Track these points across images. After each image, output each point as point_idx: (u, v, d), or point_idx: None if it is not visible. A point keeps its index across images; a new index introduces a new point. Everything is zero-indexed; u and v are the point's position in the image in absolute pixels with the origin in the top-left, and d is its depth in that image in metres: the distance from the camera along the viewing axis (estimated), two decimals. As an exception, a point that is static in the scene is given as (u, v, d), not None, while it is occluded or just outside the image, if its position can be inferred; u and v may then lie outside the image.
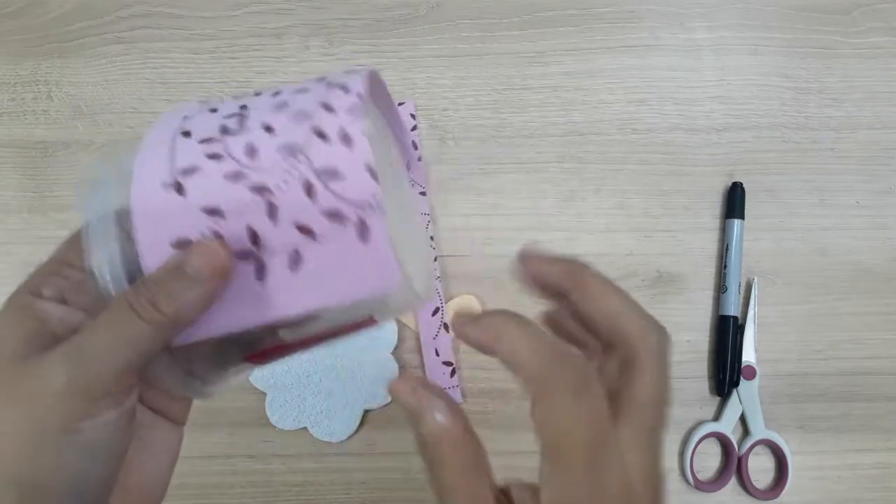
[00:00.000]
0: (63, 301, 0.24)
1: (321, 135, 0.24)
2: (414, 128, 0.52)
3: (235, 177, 0.24)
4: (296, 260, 0.24)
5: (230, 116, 0.26)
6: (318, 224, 0.24)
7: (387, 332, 0.49)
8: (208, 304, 0.23)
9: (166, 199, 0.24)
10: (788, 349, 0.49)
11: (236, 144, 0.25)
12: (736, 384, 0.48)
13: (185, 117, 0.27)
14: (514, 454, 0.47)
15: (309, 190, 0.24)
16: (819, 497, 0.47)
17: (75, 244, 0.24)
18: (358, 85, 0.26)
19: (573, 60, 0.53)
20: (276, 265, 0.24)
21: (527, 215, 0.51)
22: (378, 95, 0.29)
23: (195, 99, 0.53)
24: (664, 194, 0.51)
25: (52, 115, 0.53)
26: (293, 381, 0.48)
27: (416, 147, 0.51)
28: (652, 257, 0.50)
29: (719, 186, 0.51)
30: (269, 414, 0.48)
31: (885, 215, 0.50)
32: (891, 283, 0.50)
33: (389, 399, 0.47)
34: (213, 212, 0.24)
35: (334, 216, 0.24)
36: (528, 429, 0.24)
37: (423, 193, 0.50)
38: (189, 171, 0.24)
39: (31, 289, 0.24)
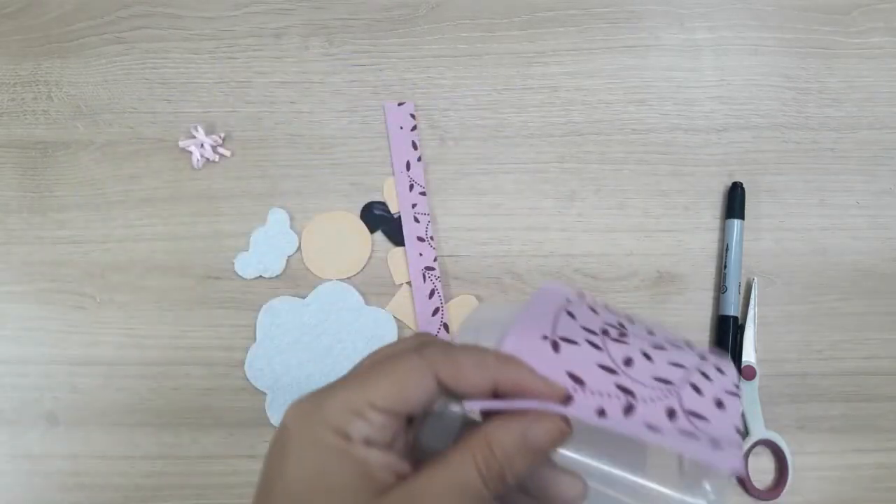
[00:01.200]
0: (369, 442, 0.23)
1: (696, 388, 0.25)
2: (414, 128, 0.52)
3: (608, 371, 0.25)
4: (672, 413, 0.25)
5: (611, 326, 0.27)
6: (670, 432, 0.24)
7: (387, 332, 0.49)
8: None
9: (540, 346, 0.25)
10: (788, 349, 0.49)
11: (615, 349, 0.26)
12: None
13: (569, 300, 0.28)
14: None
15: (671, 415, 0.24)
16: (819, 497, 0.47)
17: (378, 384, 0.24)
18: (732, 372, 0.27)
19: (573, 60, 0.53)
20: (655, 416, 0.24)
21: (527, 215, 0.51)
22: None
23: (199, 105, 0.53)
24: (664, 194, 0.51)
25: (52, 115, 0.53)
26: (293, 381, 0.48)
27: (415, 147, 0.51)
28: (652, 257, 0.50)
29: (719, 186, 0.51)
30: (269, 414, 0.48)
31: (885, 215, 0.50)
32: (891, 283, 0.49)
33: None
34: (577, 379, 0.24)
35: (688, 434, 0.24)
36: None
37: (422, 193, 0.50)
38: (568, 340, 0.26)
39: (334, 427, 0.23)
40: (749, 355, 0.48)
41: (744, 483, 0.47)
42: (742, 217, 0.49)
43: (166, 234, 0.51)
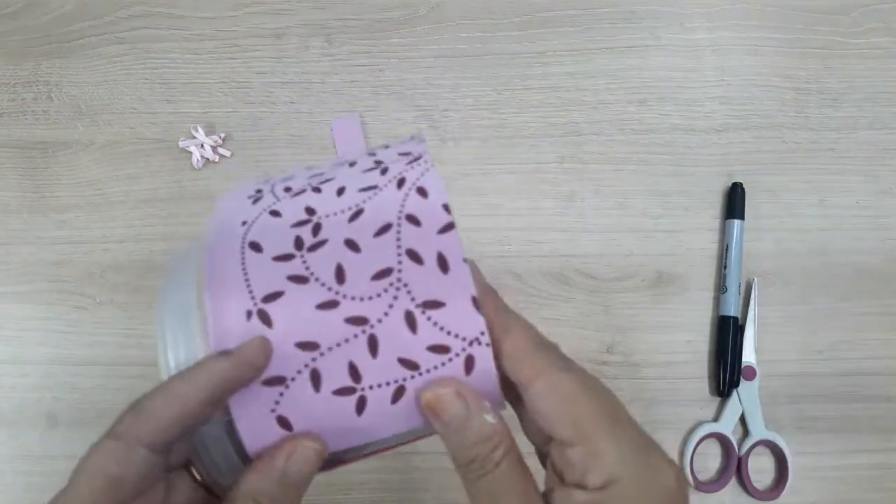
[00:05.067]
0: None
1: (414, 257, 0.23)
2: (362, 139, 0.51)
3: (329, 305, 0.22)
4: (398, 393, 0.23)
5: (300, 224, 0.24)
6: (423, 358, 0.23)
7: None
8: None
9: (247, 329, 0.22)
10: (788, 349, 0.49)
11: (319, 264, 0.23)
12: (736, 385, 0.48)
13: (244, 223, 0.24)
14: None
15: (411, 323, 0.22)
16: (819, 498, 0.47)
17: (92, 488, 0.22)
18: (437, 188, 0.25)
19: (573, 61, 0.53)
20: (378, 399, 0.23)
21: (527, 215, 0.51)
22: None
23: (199, 105, 0.53)
24: (664, 194, 0.51)
25: (52, 115, 0.53)
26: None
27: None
28: (652, 257, 0.50)
29: (719, 186, 0.51)
30: (268, 414, 0.48)
31: (885, 215, 0.50)
32: (891, 283, 0.49)
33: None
34: (309, 346, 0.22)
35: (439, 349, 0.23)
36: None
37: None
38: (272, 296, 0.23)
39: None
40: (749, 355, 0.48)
41: (744, 483, 0.47)
42: (742, 217, 0.49)
43: (166, 234, 0.51)
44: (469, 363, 0.23)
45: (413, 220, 0.24)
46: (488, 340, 0.23)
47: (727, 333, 0.48)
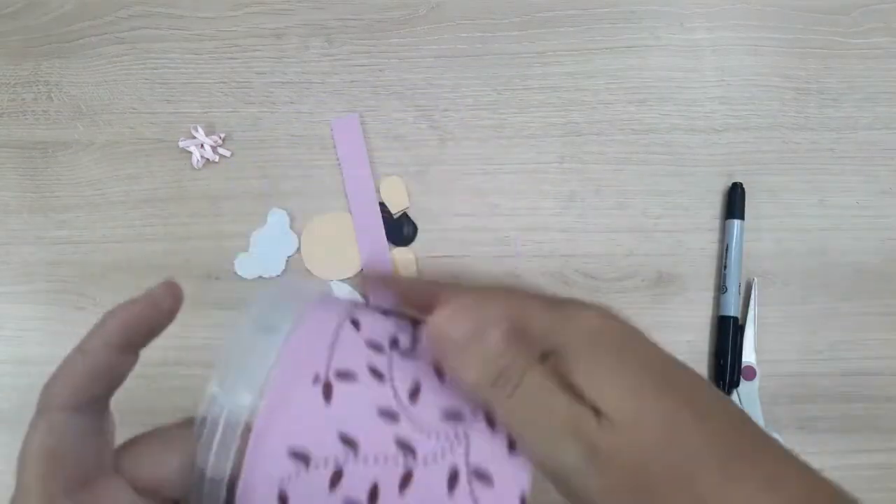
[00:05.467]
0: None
1: (489, 419, 0.22)
2: (361, 140, 0.51)
3: (389, 416, 0.21)
4: None
5: (401, 329, 0.23)
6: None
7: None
8: None
9: (307, 398, 0.21)
10: (788, 350, 0.49)
11: (402, 373, 0.22)
12: (736, 385, 0.48)
13: (356, 305, 0.24)
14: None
15: (452, 482, 0.21)
16: (819, 497, 0.47)
17: (41, 473, 0.22)
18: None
19: (573, 61, 0.53)
20: None
21: (527, 215, 0.51)
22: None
23: (199, 106, 0.53)
24: (664, 194, 0.51)
25: (52, 115, 0.53)
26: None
27: (364, 158, 0.51)
28: (652, 258, 0.50)
29: (719, 186, 0.51)
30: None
31: (885, 216, 0.50)
32: (891, 283, 0.49)
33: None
34: (349, 443, 0.21)
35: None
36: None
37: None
38: (345, 375, 0.22)
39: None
40: (749, 355, 0.48)
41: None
42: (742, 217, 0.49)
43: (166, 234, 0.51)
44: None
45: None
46: None
47: (727, 333, 0.48)
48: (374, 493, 0.21)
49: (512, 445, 0.22)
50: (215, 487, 0.22)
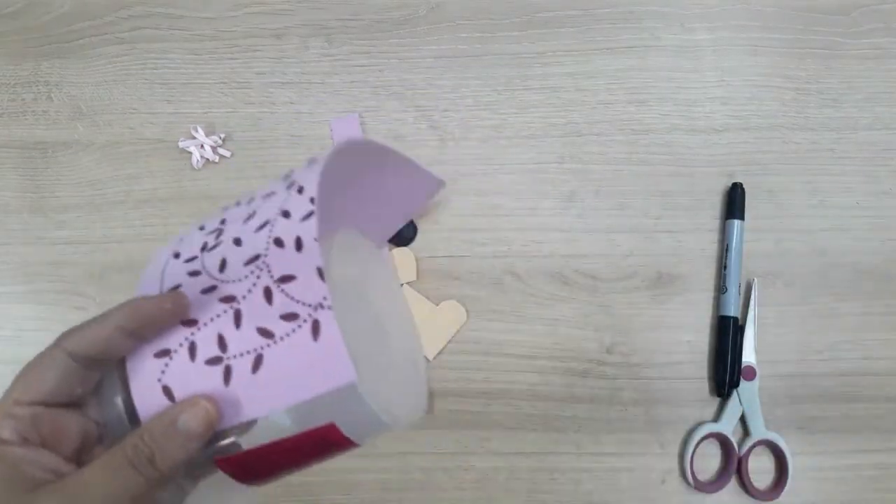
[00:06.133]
0: (24, 441, 0.25)
1: (279, 243, 0.27)
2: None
3: (210, 290, 0.27)
4: (258, 362, 0.25)
5: (211, 233, 0.29)
6: (277, 326, 0.26)
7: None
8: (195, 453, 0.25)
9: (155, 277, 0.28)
10: (788, 350, 0.49)
11: (211, 259, 0.28)
12: (736, 385, 0.48)
13: (181, 239, 0.30)
14: (515, 455, 0.48)
15: (269, 296, 0.26)
16: (819, 498, 0.47)
17: (19, 381, 0.26)
18: (312, 186, 0.28)
19: (573, 61, 0.53)
20: (241, 368, 0.26)
21: (527, 215, 0.51)
22: (358, 159, 0.32)
23: (199, 106, 0.53)
24: (664, 194, 0.51)
25: (52, 115, 0.53)
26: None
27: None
28: (652, 258, 0.50)
29: (719, 187, 0.51)
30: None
31: (884, 216, 0.50)
32: (890, 283, 0.49)
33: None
34: (190, 322, 0.27)
35: (290, 317, 0.26)
36: (529, 429, 0.24)
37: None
38: (173, 288, 0.28)
39: None
40: (749, 356, 0.48)
41: (744, 483, 0.47)
42: (742, 217, 0.49)
43: (166, 235, 0.51)
44: (315, 328, 0.25)
45: (286, 214, 0.28)
46: (330, 304, 0.25)
47: (727, 333, 0.48)
48: (221, 341, 0.26)
49: (298, 246, 0.27)
50: (117, 417, 0.27)
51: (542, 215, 0.51)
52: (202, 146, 0.51)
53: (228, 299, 0.26)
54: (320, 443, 0.27)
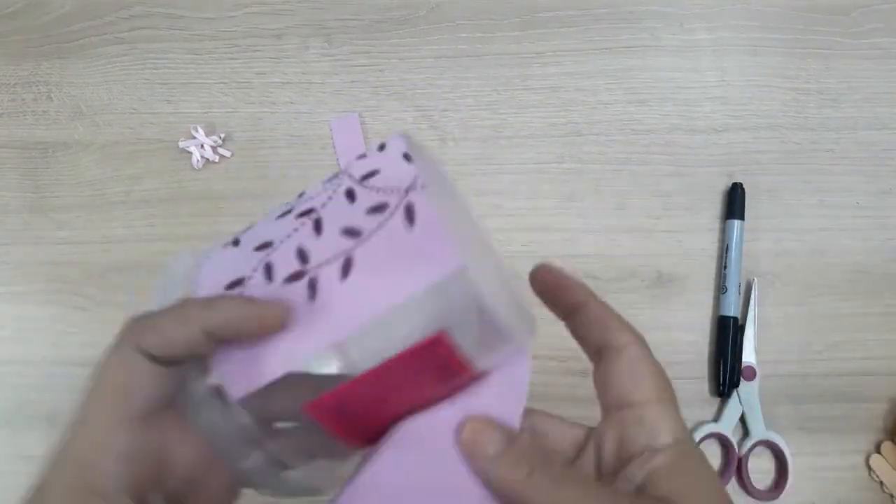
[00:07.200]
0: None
1: (361, 156, 0.25)
2: (361, 139, 0.51)
3: (285, 214, 0.25)
4: (346, 266, 0.22)
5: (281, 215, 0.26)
6: (364, 222, 0.22)
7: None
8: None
9: (224, 254, 0.25)
10: (788, 350, 0.49)
11: (292, 200, 0.25)
12: (736, 385, 0.48)
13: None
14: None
15: (351, 196, 0.23)
16: (819, 498, 0.47)
17: (106, 398, 0.23)
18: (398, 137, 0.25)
19: (573, 61, 0.53)
20: (327, 277, 0.22)
21: (527, 215, 0.51)
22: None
23: (199, 106, 0.53)
24: (664, 194, 0.51)
25: (52, 115, 0.53)
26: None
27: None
28: (652, 258, 0.50)
29: (719, 187, 0.51)
30: (268, 414, 0.48)
31: (884, 216, 0.50)
32: (890, 283, 0.49)
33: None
34: (264, 246, 0.24)
35: (378, 209, 0.22)
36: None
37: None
38: (246, 228, 0.26)
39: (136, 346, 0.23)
40: (749, 356, 0.48)
41: (744, 483, 0.47)
42: (742, 217, 0.49)
43: (166, 234, 0.51)
44: (409, 213, 0.22)
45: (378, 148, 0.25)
46: (423, 183, 0.22)
47: (727, 333, 0.48)
48: (301, 254, 0.23)
49: (381, 147, 0.24)
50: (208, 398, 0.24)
51: (542, 215, 0.51)
52: (202, 146, 0.51)
53: (306, 212, 0.23)
54: (429, 363, 0.22)
